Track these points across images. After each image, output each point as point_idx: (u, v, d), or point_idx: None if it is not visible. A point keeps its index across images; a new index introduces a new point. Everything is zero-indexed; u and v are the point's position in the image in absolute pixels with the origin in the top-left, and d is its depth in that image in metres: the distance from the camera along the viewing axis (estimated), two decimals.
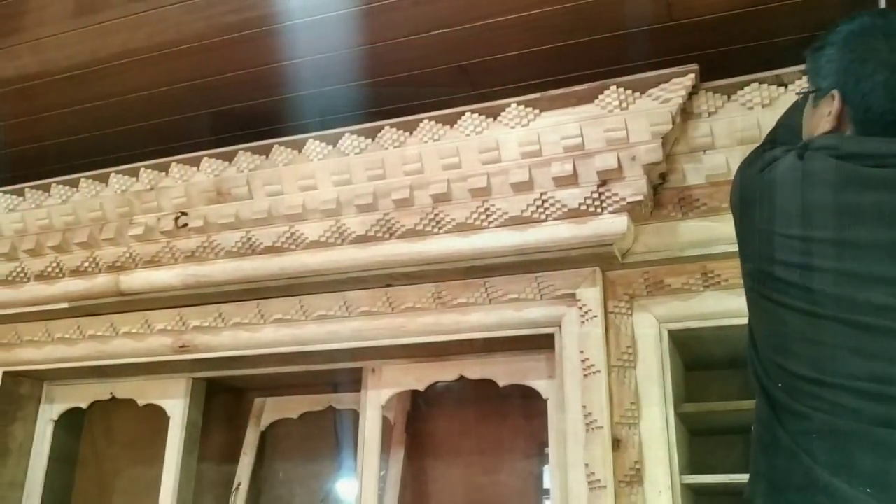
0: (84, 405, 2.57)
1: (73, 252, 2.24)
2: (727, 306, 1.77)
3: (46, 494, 2.52)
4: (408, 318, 2.02)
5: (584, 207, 1.74)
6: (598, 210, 1.74)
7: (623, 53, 1.90)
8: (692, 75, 1.70)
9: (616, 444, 1.73)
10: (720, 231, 1.74)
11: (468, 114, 1.82)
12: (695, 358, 1.99)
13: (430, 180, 1.86)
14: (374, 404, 2.17)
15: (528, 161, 1.78)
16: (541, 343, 1.95)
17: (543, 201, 1.78)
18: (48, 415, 2.59)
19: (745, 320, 1.72)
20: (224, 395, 2.66)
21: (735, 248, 1.71)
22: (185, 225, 2.08)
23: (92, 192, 2.19)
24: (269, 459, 2.66)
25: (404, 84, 2.07)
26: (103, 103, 2.26)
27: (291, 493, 2.61)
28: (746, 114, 1.71)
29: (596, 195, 1.74)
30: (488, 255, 1.85)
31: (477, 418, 2.46)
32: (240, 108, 2.23)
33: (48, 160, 2.54)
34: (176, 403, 2.39)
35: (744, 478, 1.71)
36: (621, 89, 1.72)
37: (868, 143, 1.13)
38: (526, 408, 2.32)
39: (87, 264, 2.22)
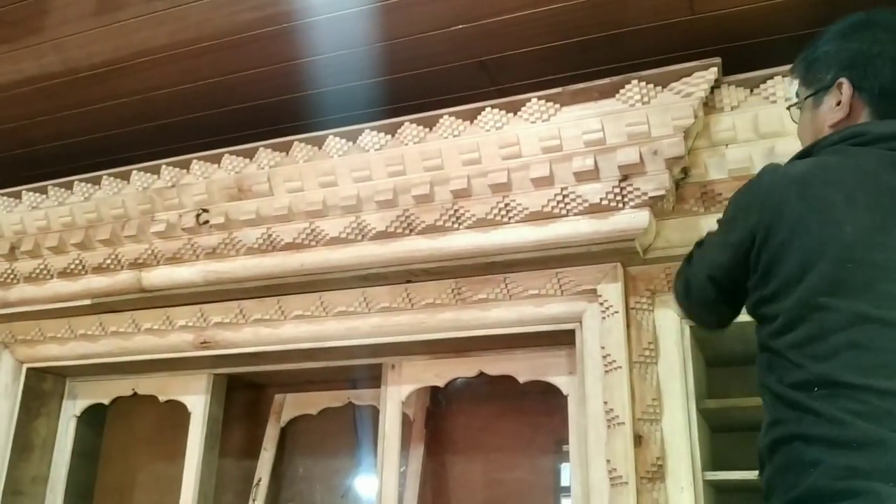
0: (106, 401, 2.59)
1: (95, 249, 2.26)
2: None
3: (69, 489, 2.54)
4: (428, 314, 2.02)
5: (605, 202, 1.74)
6: (620, 205, 1.73)
7: (644, 47, 1.89)
8: (714, 69, 1.69)
9: (638, 440, 1.72)
10: None
11: (488, 109, 1.82)
12: (715, 354, 1.98)
13: (450, 176, 1.86)
14: (394, 400, 2.18)
15: (549, 156, 1.77)
16: (561, 339, 1.95)
17: (564, 196, 1.77)
18: (71, 411, 2.61)
19: None
20: (244, 392, 2.67)
21: None
22: (207, 222, 2.09)
23: (114, 189, 2.21)
24: (290, 455, 2.66)
25: (424, 80, 2.07)
26: (125, 101, 2.28)
27: (312, 488, 2.62)
28: (769, 107, 1.70)
29: (617, 190, 1.73)
30: (508, 251, 1.85)
31: (496, 414, 2.46)
32: (260, 105, 2.24)
33: (71, 158, 2.56)
34: (197, 399, 2.40)
35: None
36: (643, 83, 1.71)
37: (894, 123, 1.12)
38: (545, 404, 2.31)
39: (109, 261, 2.23)
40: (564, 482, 2.36)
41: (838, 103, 1.17)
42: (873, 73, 1.15)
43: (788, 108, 1.37)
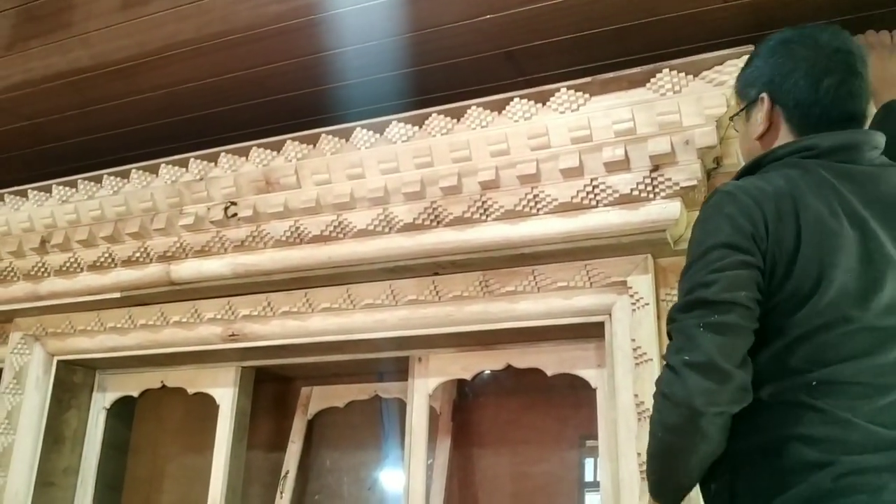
0: (135, 393, 2.61)
1: (124, 242, 2.28)
2: None
3: (100, 481, 2.57)
4: (455, 306, 2.01)
5: (635, 193, 1.72)
6: (651, 196, 1.71)
7: (675, 36, 1.87)
8: (746, 57, 1.66)
9: None
10: None
11: (517, 99, 1.80)
12: None
13: (478, 167, 1.85)
14: (421, 393, 2.17)
15: (579, 146, 1.75)
16: (590, 332, 1.93)
17: (594, 187, 1.75)
18: (101, 403, 2.63)
19: None
20: (271, 384, 2.68)
21: None
22: (235, 215, 2.09)
23: (143, 182, 2.22)
24: (316, 448, 2.67)
25: (451, 71, 2.06)
26: (152, 95, 2.29)
27: (339, 481, 2.62)
28: None
29: (648, 180, 1.71)
30: (537, 243, 1.83)
31: (523, 407, 2.45)
32: (287, 98, 2.24)
33: (100, 152, 2.58)
34: (225, 392, 2.42)
35: None
36: (674, 72, 1.69)
37: (838, 135, 1.19)
38: (572, 397, 2.30)
39: (138, 254, 2.25)
40: (588, 477, 2.35)
41: (760, 117, 1.26)
42: (788, 87, 1.23)
43: (731, 119, 1.44)
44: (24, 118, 2.47)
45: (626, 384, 1.76)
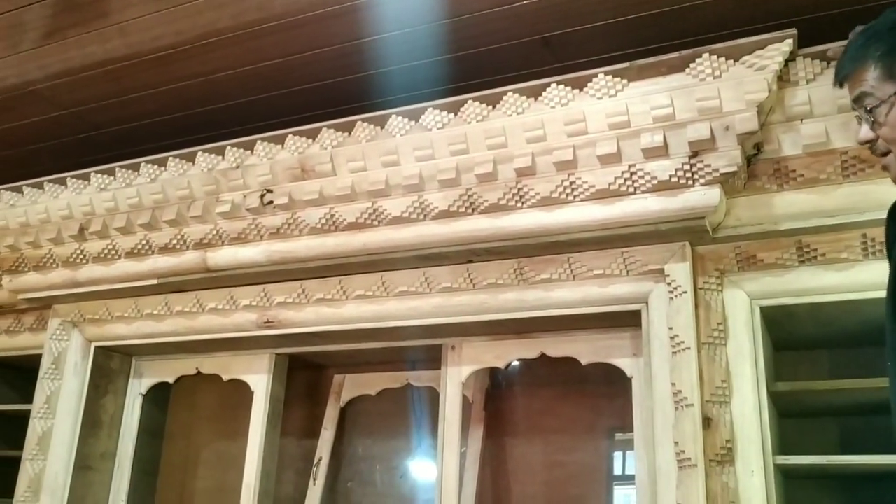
0: (171, 380, 2.64)
1: (162, 230, 2.30)
2: (824, 282, 1.71)
3: (136, 465, 2.61)
4: (489, 294, 2.01)
5: (674, 179, 1.70)
6: (690, 182, 1.69)
7: (715, 21, 1.84)
8: (790, 41, 1.63)
9: (706, 422, 1.69)
10: (818, 203, 1.68)
11: (553, 85, 1.79)
12: (785, 337, 1.93)
13: (514, 154, 1.84)
14: (454, 381, 2.17)
15: (616, 132, 1.74)
16: (626, 320, 1.92)
17: (632, 174, 1.73)
18: (137, 389, 2.67)
19: (844, 296, 1.69)
20: (304, 372, 2.70)
21: (834, 220, 1.67)
22: (271, 202, 2.10)
23: (180, 170, 2.24)
24: (349, 435, 2.69)
25: (486, 58, 2.05)
26: (189, 83, 2.31)
27: (371, 468, 2.64)
28: None
29: (687, 167, 1.69)
30: (573, 230, 1.82)
31: (556, 397, 2.44)
32: (324, 85, 2.25)
33: (137, 140, 2.61)
34: (260, 378, 2.43)
35: (842, 460, 1.67)
36: (714, 57, 1.66)
37: None
38: (606, 387, 2.29)
39: (175, 241, 2.27)
40: (616, 471, 2.34)
41: None
42: None
43: (865, 112, 1.19)
44: (62, 107, 2.51)
45: (664, 373, 1.75)
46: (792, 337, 1.94)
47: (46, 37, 2.18)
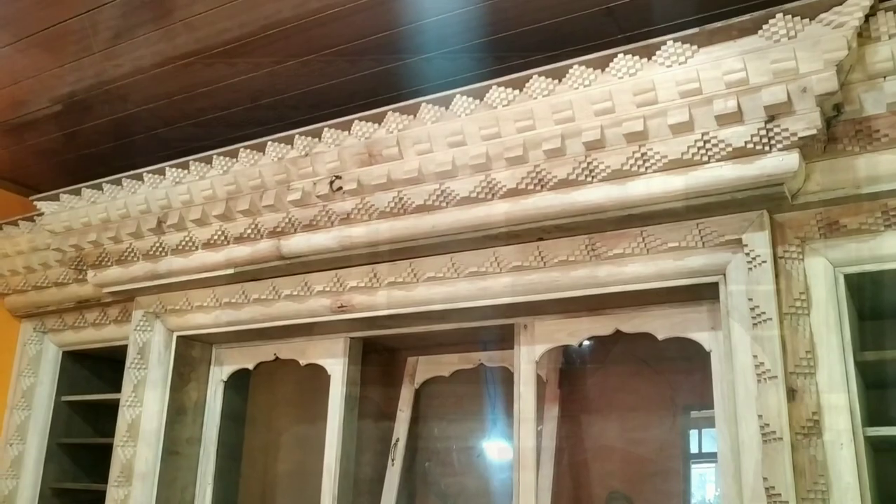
0: (250, 366, 2.71)
1: (236, 220, 2.35)
2: None
3: (221, 450, 2.69)
4: (561, 271, 1.99)
5: (750, 146, 1.64)
6: (766, 148, 1.64)
7: None
8: None
9: (791, 394, 1.64)
10: None
11: (620, 55, 1.75)
12: (870, 306, 1.86)
13: (582, 128, 1.81)
14: (527, 360, 2.16)
15: (688, 100, 1.69)
16: (702, 293, 1.88)
17: (705, 142, 1.69)
18: (218, 376, 2.74)
19: None
20: (378, 355, 2.73)
21: None
22: (340, 188, 2.13)
23: (251, 161, 2.28)
24: (424, 416, 2.72)
25: (551, 31, 2.02)
26: (255, 75, 2.34)
27: (448, 448, 2.66)
28: None
29: (763, 132, 1.63)
30: (646, 203, 1.79)
31: (631, 373, 2.42)
32: (387, 69, 2.25)
33: (208, 134, 2.67)
34: (336, 362, 2.47)
35: None
36: (788, 16, 1.60)
37: None
38: (683, 362, 2.25)
39: (249, 231, 2.32)
40: (693, 449, 2.30)
41: None
42: None
43: None
44: (136, 104, 2.58)
45: (744, 346, 1.71)
46: (879, 306, 1.86)
47: (117, 37, 2.24)
